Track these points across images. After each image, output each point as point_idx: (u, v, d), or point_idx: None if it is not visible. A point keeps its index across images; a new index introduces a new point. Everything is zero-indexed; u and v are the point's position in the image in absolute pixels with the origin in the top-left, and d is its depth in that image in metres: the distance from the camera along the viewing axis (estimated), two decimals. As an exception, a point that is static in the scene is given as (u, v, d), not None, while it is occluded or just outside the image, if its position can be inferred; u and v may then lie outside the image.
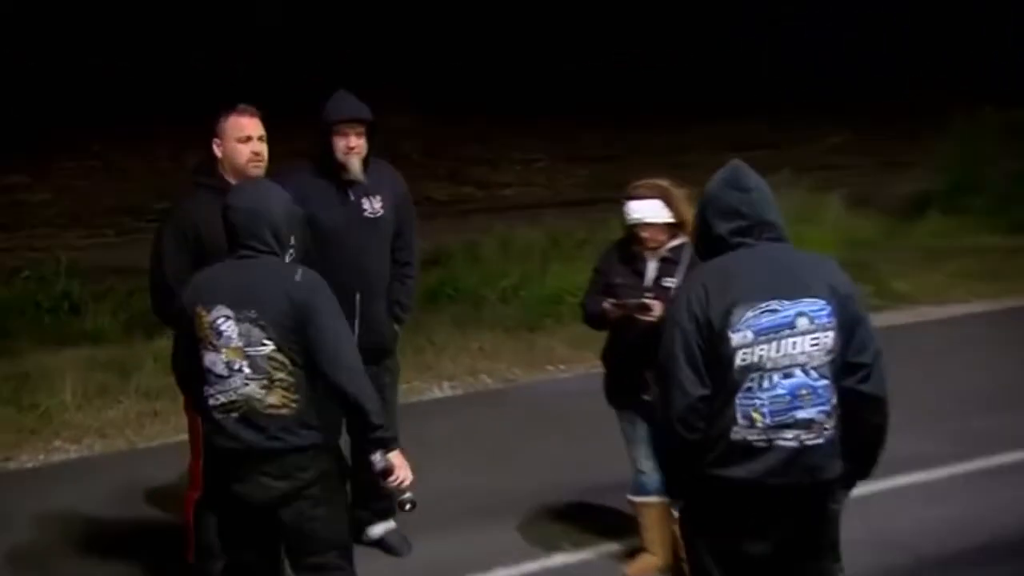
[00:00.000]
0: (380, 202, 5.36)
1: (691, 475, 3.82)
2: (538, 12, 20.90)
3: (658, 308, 4.84)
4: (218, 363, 4.14)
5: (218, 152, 4.90)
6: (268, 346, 4.09)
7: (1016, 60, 16.15)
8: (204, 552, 4.92)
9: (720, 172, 3.93)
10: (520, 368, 8.45)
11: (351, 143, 5.22)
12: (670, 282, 4.95)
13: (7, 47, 16.61)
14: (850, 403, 3.79)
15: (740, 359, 3.73)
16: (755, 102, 17.59)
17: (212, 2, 18.69)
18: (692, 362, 3.74)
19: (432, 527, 5.72)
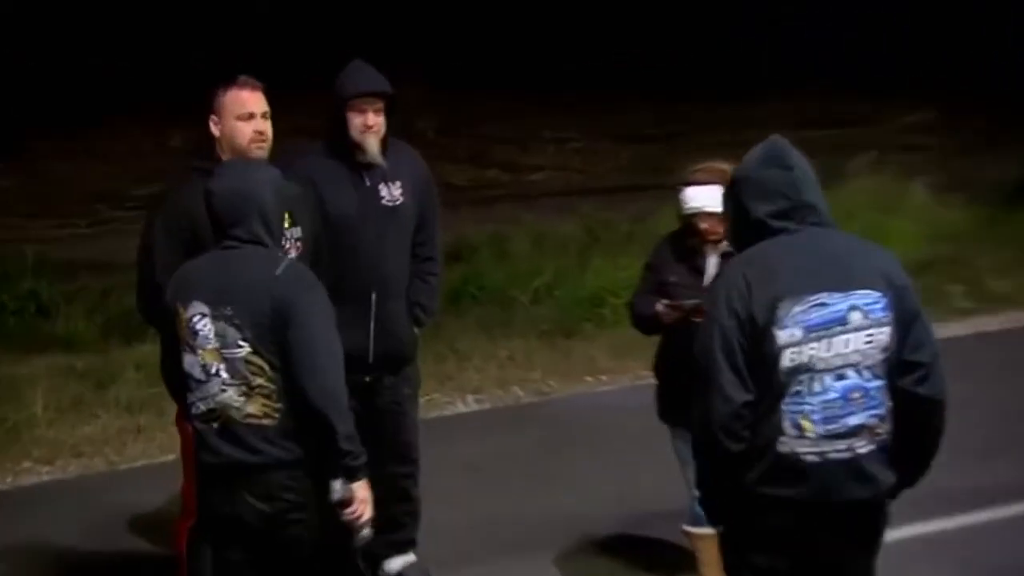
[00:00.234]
0: (400, 188, 5.41)
1: (735, 493, 3.86)
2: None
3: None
4: (196, 366, 4.22)
5: (215, 131, 4.95)
6: (244, 348, 4.16)
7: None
8: (198, 588, 4.98)
9: (757, 149, 3.97)
10: (555, 379, 8.49)
11: (369, 121, 5.27)
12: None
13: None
14: (905, 406, 3.85)
15: (788, 359, 3.77)
16: (824, 72, 17.56)
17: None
18: (733, 363, 3.77)
19: (457, 561, 5.77)
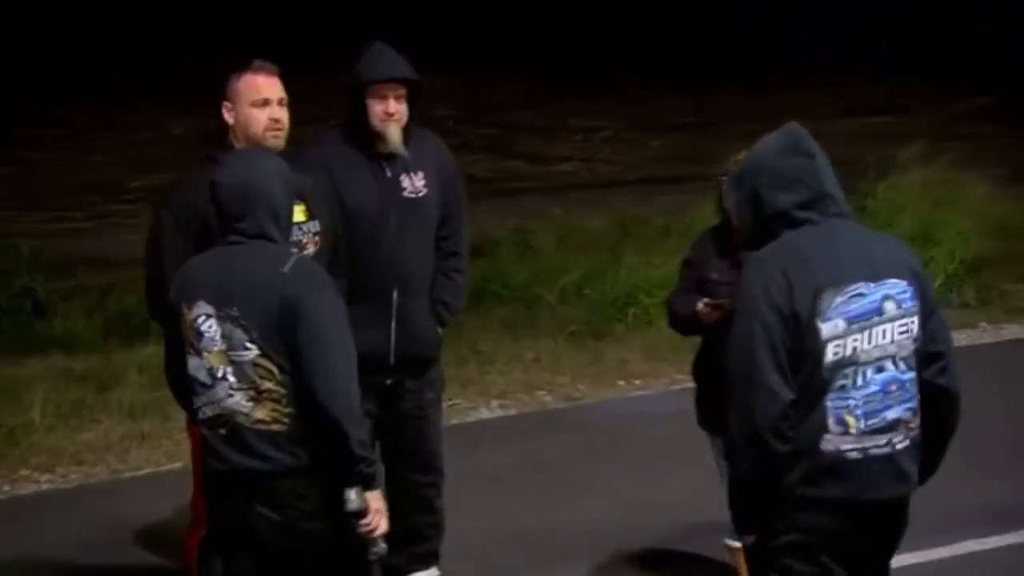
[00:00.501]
0: (423, 180, 5.47)
1: (771, 497, 3.96)
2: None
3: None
4: (201, 370, 4.28)
5: (229, 118, 5.01)
6: (252, 350, 4.20)
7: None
8: (209, 603, 5.04)
9: (774, 137, 4.08)
10: (585, 383, 8.53)
11: (390, 108, 5.32)
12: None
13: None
14: (927, 399, 4.01)
15: (831, 353, 3.87)
16: (869, 58, 17.52)
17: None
18: (777, 361, 3.86)
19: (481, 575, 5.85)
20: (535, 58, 17.93)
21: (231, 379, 4.23)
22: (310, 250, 5.05)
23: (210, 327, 4.24)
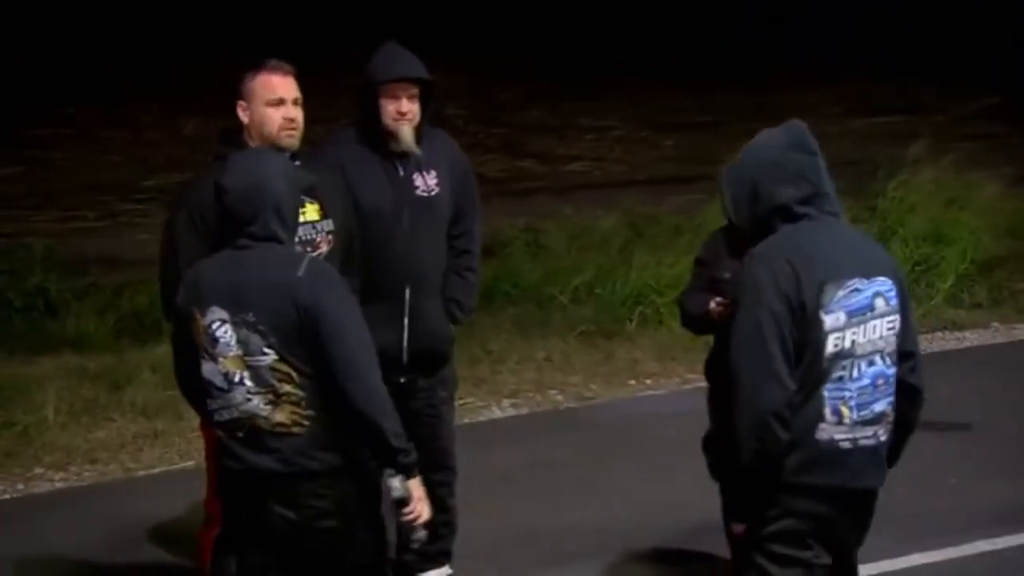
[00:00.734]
0: (435, 178, 5.50)
1: (767, 485, 4.09)
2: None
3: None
4: (216, 374, 4.29)
5: (244, 117, 5.02)
6: (269, 355, 4.23)
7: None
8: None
9: (777, 133, 4.20)
10: (596, 383, 8.56)
11: (402, 107, 5.35)
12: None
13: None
14: (899, 395, 4.21)
15: (831, 344, 4.04)
16: (869, 58, 17.50)
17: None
18: (785, 349, 4.02)
19: (493, 575, 5.85)
20: (545, 58, 17.95)
21: (248, 383, 4.25)
22: (324, 249, 5.07)
23: (225, 332, 4.26)
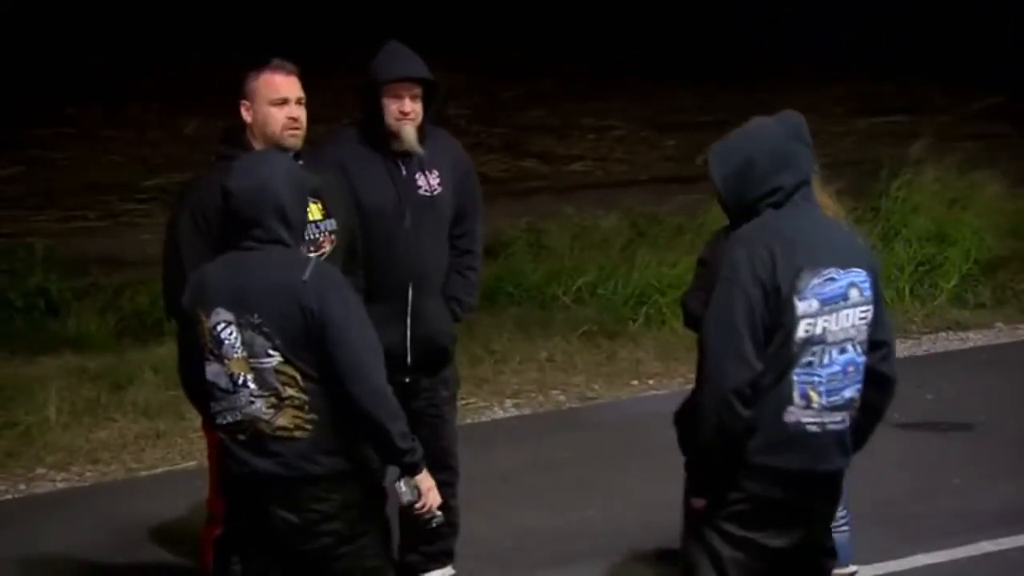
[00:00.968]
0: (438, 178, 5.51)
1: (731, 465, 4.20)
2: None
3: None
4: (221, 376, 4.30)
5: (247, 117, 5.03)
6: (274, 357, 4.23)
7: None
8: (226, 601, 5.07)
9: (774, 122, 4.32)
10: (599, 383, 8.57)
11: (405, 107, 5.36)
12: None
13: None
14: (868, 383, 4.32)
15: (803, 330, 4.17)
16: (870, 58, 17.49)
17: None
18: (754, 331, 4.15)
19: None
20: (547, 57, 17.94)
21: (252, 386, 4.26)
22: (326, 248, 5.08)
23: (230, 334, 4.26)
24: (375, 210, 5.40)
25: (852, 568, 5.47)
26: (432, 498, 4.43)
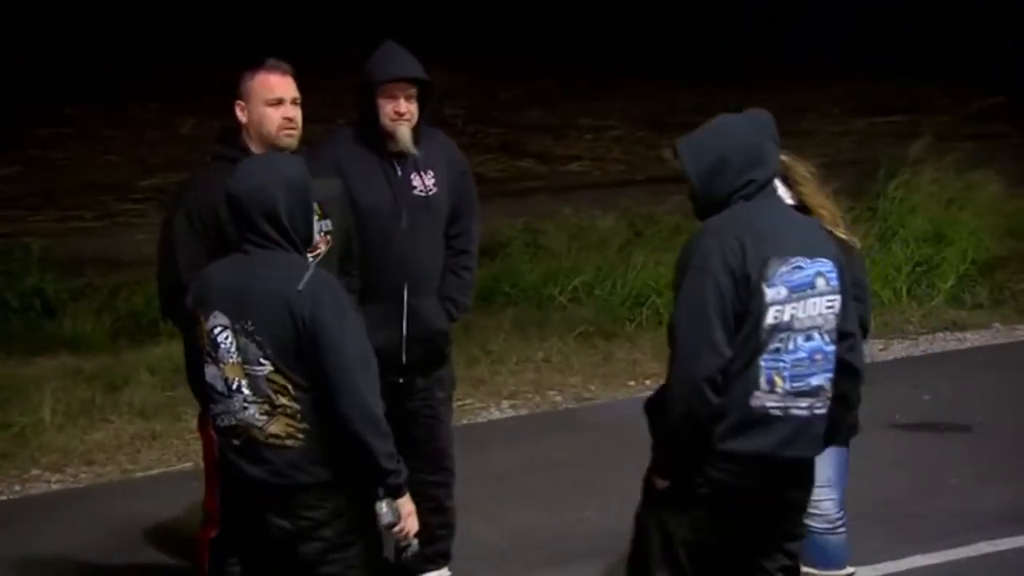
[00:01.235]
0: (433, 178, 5.51)
1: (697, 451, 4.27)
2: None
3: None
4: (218, 379, 4.29)
5: (242, 117, 5.03)
6: (265, 366, 4.21)
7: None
8: (222, 603, 5.06)
9: (745, 119, 4.44)
10: (595, 384, 8.57)
11: (400, 108, 5.36)
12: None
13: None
14: (838, 372, 4.40)
15: (771, 317, 4.27)
16: (870, 58, 17.49)
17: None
18: (724, 319, 4.22)
19: (494, 577, 5.87)
20: (545, 57, 17.94)
21: (246, 391, 4.24)
22: (322, 249, 5.07)
23: (226, 339, 4.25)
24: (371, 210, 5.39)
25: (849, 569, 5.46)
26: (410, 524, 4.37)
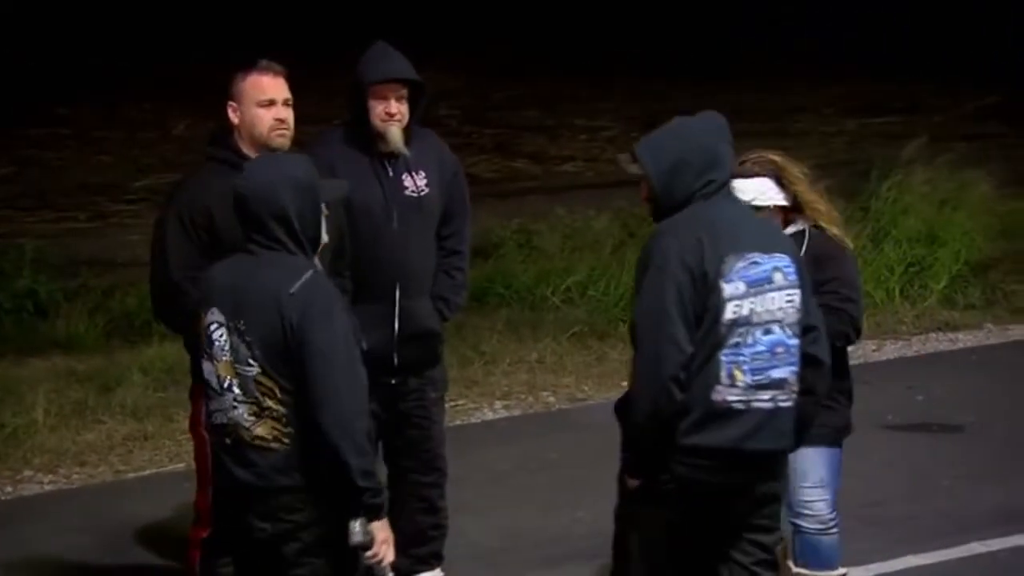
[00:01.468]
0: (425, 179, 5.51)
1: (662, 448, 4.34)
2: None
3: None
4: (212, 376, 4.30)
5: (234, 118, 5.04)
6: (254, 367, 4.21)
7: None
8: (213, 603, 5.06)
9: (701, 121, 4.55)
10: (589, 384, 8.56)
11: (391, 108, 5.36)
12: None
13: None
14: (804, 365, 4.47)
15: (730, 312, 4.34)
16: (869, 58, 17.49)
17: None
18: (684, 316, 4.31)
19: (487, 578, 5.87)
20: (539, 58, 17.93)
21: (236, 391, 4.24)
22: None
23: (220, 336, 4.25)
24: (362, 211, 5.39)
25: (842, 570, 5.46)
26: (385, 552, 4.25)
